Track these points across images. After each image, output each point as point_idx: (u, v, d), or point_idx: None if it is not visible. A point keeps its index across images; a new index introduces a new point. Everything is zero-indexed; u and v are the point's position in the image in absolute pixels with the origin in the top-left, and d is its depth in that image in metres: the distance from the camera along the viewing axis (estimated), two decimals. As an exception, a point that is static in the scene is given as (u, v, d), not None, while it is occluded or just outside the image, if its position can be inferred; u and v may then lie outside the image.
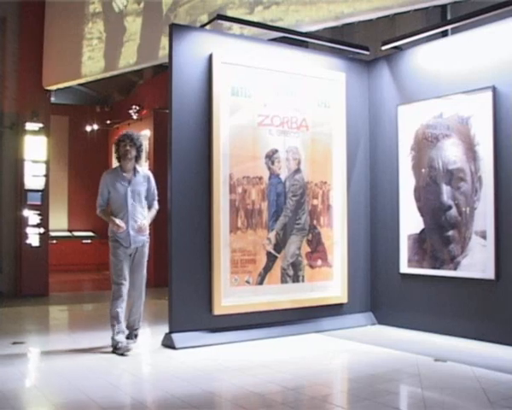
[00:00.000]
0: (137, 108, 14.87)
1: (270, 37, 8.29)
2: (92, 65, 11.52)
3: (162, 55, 9.86)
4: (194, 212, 7.22)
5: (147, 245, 7.16)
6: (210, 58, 7.34)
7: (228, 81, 7.44)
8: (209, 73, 7.33)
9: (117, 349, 6.73)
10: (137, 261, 7.10)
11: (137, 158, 7.14)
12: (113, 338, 6.82)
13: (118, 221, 6.90)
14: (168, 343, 6.96)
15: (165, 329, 7.15)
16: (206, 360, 6.44)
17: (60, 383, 5.60)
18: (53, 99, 12.73)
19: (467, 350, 6.78)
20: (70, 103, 17.75)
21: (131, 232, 6.97)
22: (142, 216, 7.06)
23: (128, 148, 7.01)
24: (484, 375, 5.70)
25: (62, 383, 5.59)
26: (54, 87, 12.42)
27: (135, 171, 7.12)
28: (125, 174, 7.07)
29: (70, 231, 17.94)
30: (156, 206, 7.26)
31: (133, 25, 10.71)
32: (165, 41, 9.42)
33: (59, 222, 17.21)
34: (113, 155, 7.34)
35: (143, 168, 7.44)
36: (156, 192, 7.26)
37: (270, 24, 8.23)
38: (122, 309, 6.91)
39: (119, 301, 6.87)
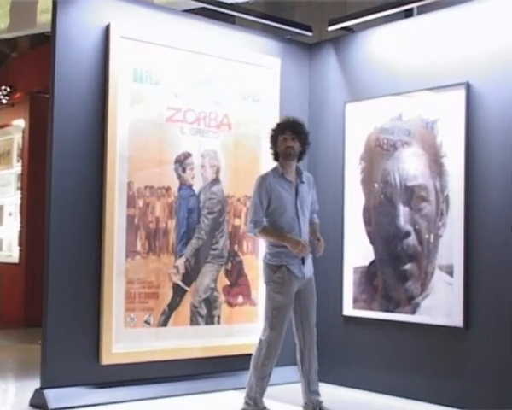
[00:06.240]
0: (8, 89, 14.60)
1: (185, 7, 8.23)
2: None
3: (43, 20, 9.55)
4: (80, 230, 7.07)
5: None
6: (107, 30, 7.22)
7: (129, 62, 7.35)
8: (105, 50, 7.21)
9: None
10: (310, 293, 6.66)
11: (301, 155, 6.64)
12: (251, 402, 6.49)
13: (303, 241, 6.42)
14: (39, 402, 6.74)
15: (36, 383, 6.90)
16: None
17: None
18: None
19: (426, 417, 6.84)
20: None
21: (306, 258, 6.57)
22: (306, 235, 6.64)
23: (291, 143, 6.45)
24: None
25: None
26: None
27: (298, 173, 6.62)
28: (289, 178, 6.55)
29: None
30: (317, 220, 6.91)
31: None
32: (46, 2, 9.12)
33: None
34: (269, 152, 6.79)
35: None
36: None
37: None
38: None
39: (275, 357, 6.45)
